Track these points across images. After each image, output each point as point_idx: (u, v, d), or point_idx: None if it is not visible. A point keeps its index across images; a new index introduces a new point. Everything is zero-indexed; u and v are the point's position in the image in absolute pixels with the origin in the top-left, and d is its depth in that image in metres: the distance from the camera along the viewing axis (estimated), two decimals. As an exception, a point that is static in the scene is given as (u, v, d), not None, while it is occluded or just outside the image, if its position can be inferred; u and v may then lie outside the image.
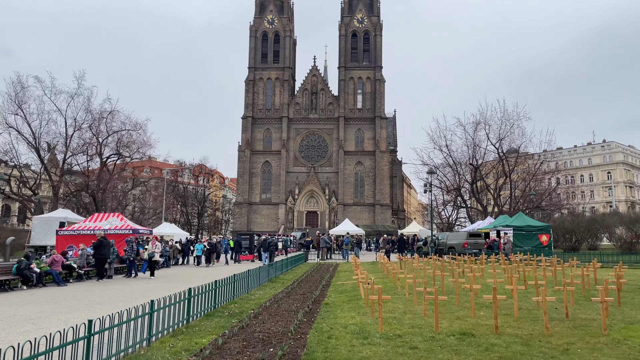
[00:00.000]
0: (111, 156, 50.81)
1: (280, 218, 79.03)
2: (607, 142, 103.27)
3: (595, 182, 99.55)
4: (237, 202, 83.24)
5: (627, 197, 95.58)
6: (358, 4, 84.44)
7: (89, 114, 47.36)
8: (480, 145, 54.10)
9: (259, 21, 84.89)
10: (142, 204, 65.98)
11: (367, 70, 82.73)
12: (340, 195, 79.12)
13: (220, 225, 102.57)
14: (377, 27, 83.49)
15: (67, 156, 47.09)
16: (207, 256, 31.72)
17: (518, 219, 34.74)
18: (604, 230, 42.34)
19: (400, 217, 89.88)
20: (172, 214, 76.21)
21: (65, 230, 26.57)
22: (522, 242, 32.71)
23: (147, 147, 51.52)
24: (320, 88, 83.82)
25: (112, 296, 15.45)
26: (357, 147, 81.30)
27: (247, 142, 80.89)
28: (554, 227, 37.74)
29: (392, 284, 17.48)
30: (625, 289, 14.79)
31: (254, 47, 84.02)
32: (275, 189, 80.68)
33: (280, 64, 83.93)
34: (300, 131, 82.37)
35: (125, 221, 27.33)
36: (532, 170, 55.23)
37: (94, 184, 46.88)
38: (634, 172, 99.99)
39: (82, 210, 47.48)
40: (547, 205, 55.63)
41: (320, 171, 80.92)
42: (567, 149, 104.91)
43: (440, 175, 57.05)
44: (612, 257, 29.81)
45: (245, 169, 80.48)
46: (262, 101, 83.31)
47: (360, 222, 71.29)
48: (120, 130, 49.35)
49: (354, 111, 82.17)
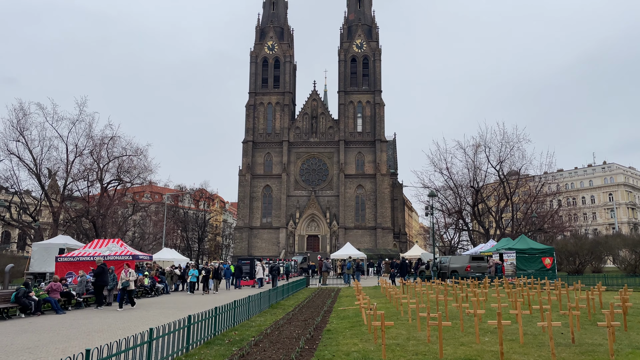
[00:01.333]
0: (112, 182, 50.92)
1: (281, 242, 78.64)
2: (607, 163, 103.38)
3: (597, 203, 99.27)
4: (237, 226, 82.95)
5: (630, 219, 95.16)
6: (357, 30, 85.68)
7: (90, 140, 47.68)
8: (481, 168, 54.22)
9: (260, 47, 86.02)
10: (142, 230, 65.77)
11: (366, 94, 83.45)
12: (341, 219, 78.87)
13: (220, 250, 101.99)
14: (376, 52, 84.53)
15: (67, 182, 47.17)
16: (204, 283, 30.35)
17: (521, 242, 34.48)
18: (607, 252, 41.97)
19: (402, 241, 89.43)
20: (172, 239, 75.88)
21: (65, 257, 26.42)
22: (526, 265, 32.39)
23: (148, 173, 51.70)
24: (320, 112, 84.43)
25: (110, 324, 15.23)
26: (357, 171, 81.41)
27: (247, 166, 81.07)
28: (557, 250, 37.43)
29: (395, 309, 17.23)
30: (632, 313, 14.56)
31: (254, 73, 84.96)
32: (276, 213, 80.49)
33: (280, 89, 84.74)
34: (300, 155, 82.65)
35: (125, 247, 27.17)
36: (534, 192, 55.12)
37: (94, 209, 46.81)
38: (635, 193, 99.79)
39: (82, 237, 47.31)
40: (549, 227, 55.35)
41: (321, 195, 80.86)
42: (567, 171, 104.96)
43: (441, 198, 56.98)
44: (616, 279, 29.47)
45: (245, 193, 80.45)
46: (263, 125, 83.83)
47: (361, 246, 70.88)
48: (121, 156, 49.58)
49: (354, 134, 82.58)
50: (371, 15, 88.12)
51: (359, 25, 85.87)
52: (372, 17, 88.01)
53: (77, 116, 46.67)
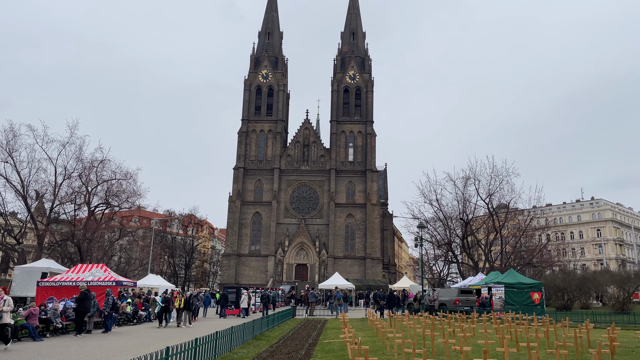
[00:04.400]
0: (99, 205, 50.27)
1: (269, 270, 77.76)
2: (595, 199, 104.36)
3: (585, 239, 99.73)
4: (225, 253, 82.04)
5: (618, 255, 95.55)
6: (350, 62, 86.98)
7: (79, 163, 47.23)
8: (471, 200, 54.37)
9: (254, 75, 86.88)
10: (129, 255, 64.80)
11: (358, 124, 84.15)
12: (330, 248, 78.35)
13: (207, 277, 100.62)
14: (369, 84, 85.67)
15: (54, 205, 46.52)
16: (159, 316, 25.95)
17: (509, 276, 34.37)
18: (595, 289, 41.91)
19: (391, 272, 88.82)
20: (159, 265, 74.76)
21: (47, 282, 25.84)
22: (514, 300, 32.20)
23: (137, 197, 51.14)
24: (312, 140, 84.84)
25: (88, 353, 14.80)
26: (348, 200, 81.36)
27: (238, 192, 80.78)
28: (545, 285, 37.32)
29: (381, 343, 16.94)
30: (619, 352, 14.42)
31: (247, 100, 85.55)
32: (265, 240, 79.84)
33: (273, 117, 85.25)
34: (291, 182, 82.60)
35: (108, 272, 26.67)
36: (522, 226, 55.28)
37: (80, 233, 46.10)
38: (623, 229, 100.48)
39: (67, 261, 46.45)
40: (538, 262, 55.35)
41: (311, 223, 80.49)
42: (556, 206, 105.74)
43: (430, 230, 56.90)
44: (604, 316, 29.35)
45: (235, 219, 79.90)
46: (255, 152, 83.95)
47: (350, 276, 70.25)
48: (110, 180, 49.11)
49: (345, 164, 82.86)
50: (364, 48, 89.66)
51: (352, 57, 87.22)
52: (365, 49, 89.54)
53: (67, 139, 46.24)
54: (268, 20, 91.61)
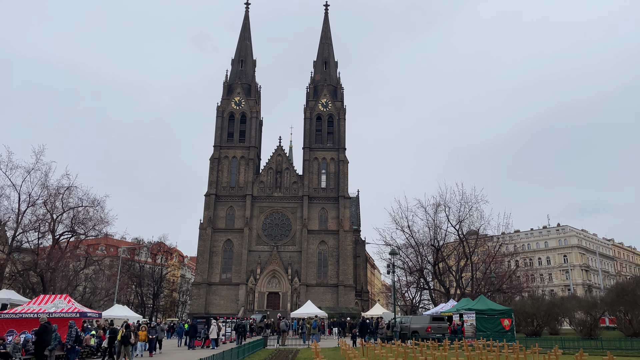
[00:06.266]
0: (65, 233, 48.79)
1: (240, 299, 76.34)
2: (561, 225, 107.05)
3: (553, 265, 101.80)
4: (195, 282, 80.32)
5: (584, 280, 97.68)
6: (323, 90, 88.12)
7: (45, 190, 45.91)
8: (441, 227, 55.02)
9: (227, 102, 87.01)
10: (94, 284, 62.73)
11: (331, 151, 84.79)
12: (303, 276, 77.65)
13: (177, 307, 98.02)
14: (341, 112, 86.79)
15: (17, 233, 44.91)
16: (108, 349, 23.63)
17: (480, 303, 34.67)
18: (563, 314, 42.58)
19: (364, 299, 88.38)
20: (125, 295, 72.57)
21: (7, 314, 24.77)
22: (485, 327, 32.44)
23: (104, 225, 49.96)
24: (285, 167, 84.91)
25: (48, 390, 14.13)
26: (320, 226, 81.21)
27: (209, 219, 79.73)
28: (515, 311, 37.73)
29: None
30: (587, 378, 14.60)
31: (220, 127, 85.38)
32: (236, 268, 78.64)
33: (246, 143, 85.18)
34: (264, 209, 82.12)
35: (72, 303, 25.78)
36: (492, 252, 56.11)
37: (44, 262, 44.52)
38: (588, 255, 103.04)
39: (29, 291, 44.74)
40: (507, 288, 56.05)
41: (283, 250, 79.82)
42: (524, 232, 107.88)
43: (402, 256, 57.10)
44: (573, 342, 29.77)
45: (205, 247, 78.62)
46: (227, 179, 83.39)
47: (323, 304, 69.61)
48: (76, 207, 47.83)
49: (318, 190, 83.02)
50: (337, 77, 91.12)
51: (324, 86, 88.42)
52: (338, 78, 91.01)
53: (33, 165, 44.99)
54: (241, 48, 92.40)
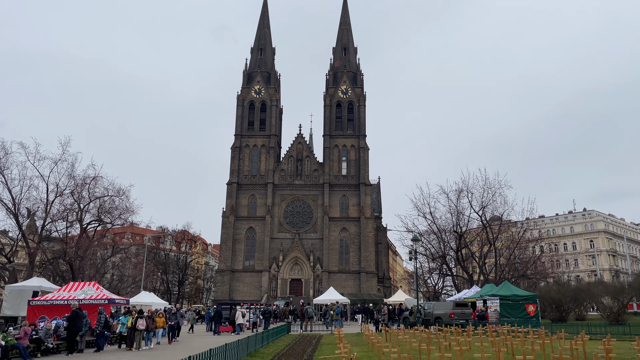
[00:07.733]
0: (92, 222, 49.87)
1: (263, 286, 77.24)
2: (587, 210, 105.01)
3: (579, 250, 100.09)
4: (219, 269, 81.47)
5: (611, 266, 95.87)
6: (342, 76, 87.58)
7: (71, 180, 46.90)
8: (464, 213, 54.48)
9: (247, 91, 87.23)
10: (121, 272, 64.17)
11: (351, 138, 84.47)
12: (325, 262, 78.04)
13: (201, 294, 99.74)
14: (361, 98, 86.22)
15: (46, 222, 46.08)
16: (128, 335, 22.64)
17: (504, 288, 34.38)
18: (590, 300, 41.95)
19: (386, 285, 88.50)
20: (152, 282, 74.06)
21: (38, 300, 25.50)
22: (509, 313, 32.18)
23: (130, 214, 50.80)
24: (305, 155, 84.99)
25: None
26: (342, 214, 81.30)
27: (231, 208, 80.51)
28: (540, 297, 37.31)
29: (377, 358, 16.81)
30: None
31: (240, 115, 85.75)
32: (259, 255, 79.44)
33: (266, 132, 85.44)
34: (285, 197, 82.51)
35: (101, 290, 26.38)
36: (516, 238, 55.40)
37: (72, 251, 45.64)
38: (615, 240, 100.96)
39: (59, 279, 45.95)
40: (532, 273, 55.40)
41: (305, 237, 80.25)
42: (549, 217, 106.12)
43: (425, 243, 56.84)
44: (600, 327, 29.33)
45: (228, 235, 79.52)
46: (248, 167, 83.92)
47: (345, 290, 69.90)
48: (102, 196, 48.78)
49: (339, 178, 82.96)
50: (356, 63, 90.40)
51: (344, 72, 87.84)
52: (357, 64, 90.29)
53: (59, 156, 45.97)
54: (260, 37, 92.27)
